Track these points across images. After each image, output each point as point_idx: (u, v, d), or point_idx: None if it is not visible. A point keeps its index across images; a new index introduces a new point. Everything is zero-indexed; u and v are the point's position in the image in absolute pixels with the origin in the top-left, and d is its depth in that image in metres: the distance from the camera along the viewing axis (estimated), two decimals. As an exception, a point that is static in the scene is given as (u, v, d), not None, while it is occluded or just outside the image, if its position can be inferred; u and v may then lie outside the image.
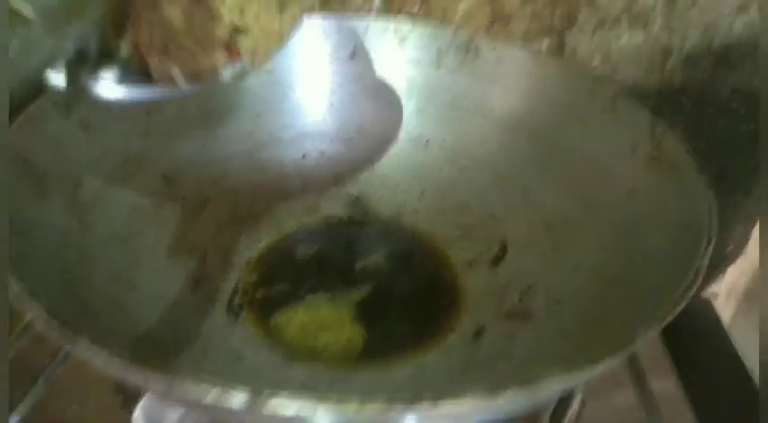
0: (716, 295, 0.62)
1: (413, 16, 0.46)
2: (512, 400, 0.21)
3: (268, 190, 0.42)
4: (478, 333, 0.36)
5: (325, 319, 0.36)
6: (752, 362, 0.54)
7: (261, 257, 0.39)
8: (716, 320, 0.60)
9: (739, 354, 0.55)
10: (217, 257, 0.39)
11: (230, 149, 0.41)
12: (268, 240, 0.41)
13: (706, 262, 0.25)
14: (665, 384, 0.46)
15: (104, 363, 0.21)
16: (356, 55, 0.42)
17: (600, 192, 0.35)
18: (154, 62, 0.28)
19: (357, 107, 0.43)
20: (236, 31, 0.28)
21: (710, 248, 0.25)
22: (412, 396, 0.20)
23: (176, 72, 0.28)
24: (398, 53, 0.43)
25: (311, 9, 0.33)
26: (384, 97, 0.43)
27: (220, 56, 0.28)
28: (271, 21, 0.29)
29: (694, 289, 0.25)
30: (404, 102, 0.43)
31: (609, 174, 0.35)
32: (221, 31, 0.28)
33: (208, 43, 0.28)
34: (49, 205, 0.31)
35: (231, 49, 0.29)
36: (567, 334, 0.32)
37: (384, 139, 0.43)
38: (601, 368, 0.23)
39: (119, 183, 0.35)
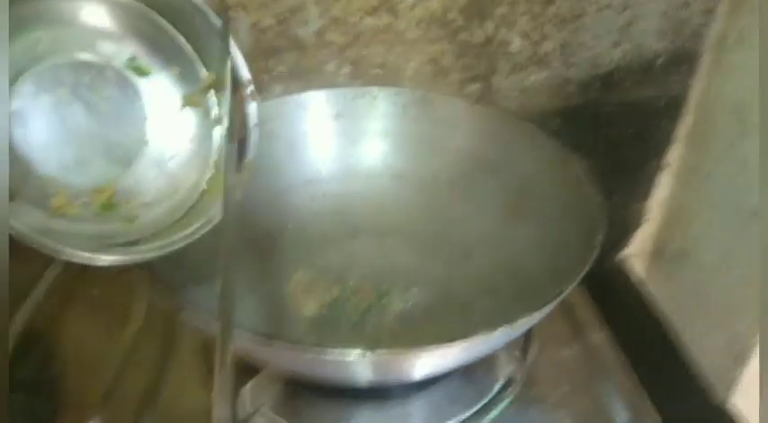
0: (630, 255, 0.78)
1: (377, 77, 0.60)
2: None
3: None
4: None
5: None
6: (662, 304, 0.70)
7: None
8: (632, 274, 0.76)
9: (653, 298, 0.71)
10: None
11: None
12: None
13: (600, 244, 0.40)
14: (601, 336, 0.58)
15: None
16: (340, 115, 0.56)
17: (527, 200, 0.50)
18: None
19: (345, 153, 0.57)
20: None
21: (602, 237, 0.40)
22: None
23: None
24: (372, 110, 0.56)
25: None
26: (364, 144, 0.57)
27: None
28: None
29: (595, 256, 0.39)
30: (380, 146, 0.57)
31: (534, 186, 0.50)
32: None
33: None
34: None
35: None
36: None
37: (369, 176, 0.57)
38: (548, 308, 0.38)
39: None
